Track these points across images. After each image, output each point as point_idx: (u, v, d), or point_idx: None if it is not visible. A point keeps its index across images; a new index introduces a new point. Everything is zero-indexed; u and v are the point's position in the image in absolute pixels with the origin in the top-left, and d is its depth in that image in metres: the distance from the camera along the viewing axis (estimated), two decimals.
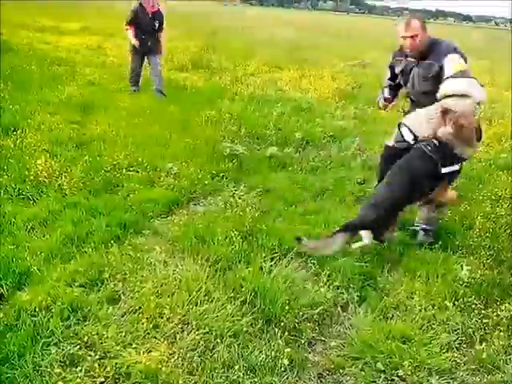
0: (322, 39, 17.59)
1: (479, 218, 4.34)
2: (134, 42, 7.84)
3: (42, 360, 2.49)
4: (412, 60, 3.90)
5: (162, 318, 2.83)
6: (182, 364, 2.57)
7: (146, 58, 8.10)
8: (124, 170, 4.81)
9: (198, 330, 2.78)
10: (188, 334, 2.76)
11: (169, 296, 2.99)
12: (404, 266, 3.57)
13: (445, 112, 3.52)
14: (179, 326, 2.80)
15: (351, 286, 3.32)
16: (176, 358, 2.59)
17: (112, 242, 3.62)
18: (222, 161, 5.40)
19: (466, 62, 3.67)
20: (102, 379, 2.39)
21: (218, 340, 2.74)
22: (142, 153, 5.23)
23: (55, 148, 5.17)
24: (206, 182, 4.85)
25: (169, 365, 2.53)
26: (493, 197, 4.85)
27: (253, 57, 12.36)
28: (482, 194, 4.89)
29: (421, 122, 3.67)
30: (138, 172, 4.85)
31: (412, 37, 3.75)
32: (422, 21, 3.84)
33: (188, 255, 3.50)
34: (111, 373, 2.43)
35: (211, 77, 9.95)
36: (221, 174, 5.10)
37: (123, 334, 2.72)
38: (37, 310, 2.77)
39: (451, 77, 3.58)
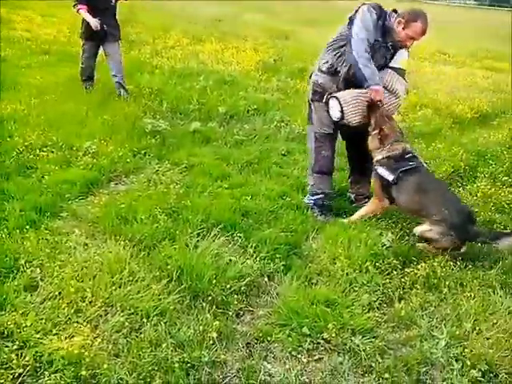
0: (246, 14, 17.36)
1: None
2: (95, 21, 6.07)
3: None
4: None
5: (83, 302, 2.73)
6: (107, 347, 2.50)
7: (101, 46, 6.46)
8: (37, 151, 4.56)
9: (122, 311, 2.72)
10: (112, 317, 2.68)
11: (90, 279, 2.89)
12: (327, 233, 3.66)
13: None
14: (103, 309, 2.72)
15: (277, 255, 3.36)
16: (100, 341, 2.51)
17: (27, 227, 3.43)
18: (144, 137, 5.25)
19: None
20: (21, 370, 2.28)
21: (145, 320, 2.69)
22: (57, 132, 4.97)
23: None
24: (128, 160, 4.70)
25: (93, 349, 2.46)
26: None
27: (173, 30, 12.01)
28: None
29: (349, 100, 3.73)
30: (52, 152, 4.60)
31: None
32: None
33: (110, 236, 3.39)
34: (30, 362, 2.32)
35: (130, 50, 9.57)
36: (143, 152, 4.96)
37: (43, 321, 2.59)
38: None
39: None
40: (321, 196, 4.06)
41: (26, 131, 4.87)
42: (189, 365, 2.48)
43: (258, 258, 3.31)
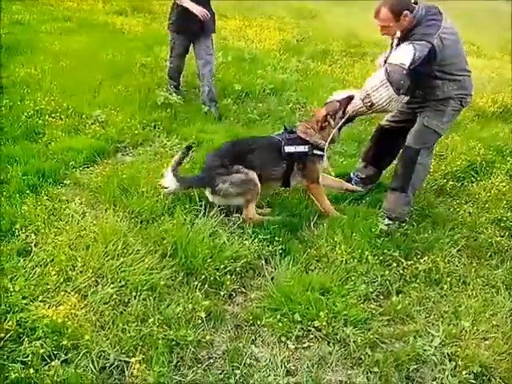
0: None
1: None
2: (202, 10, 4.95)
3: None
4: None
5: (74, 271, 2.70)
6: (93, 318, 2.47)
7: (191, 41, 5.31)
8: (47, 116, 4.53)
9: (112, 283, 2.68)
10: (102, 288, 2.65)
11: (83, 249, 2.85)
12: (330, 219, 3.56)
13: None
14: (93, 280, 2.69)
15: (276, 238, 3.29)
16: (86, 311, 2.49)
17: (28, 191, 3.41)
18: (156, 110, 5.18)
19: (422, 53, 3.19)
20: (2, 334, 2.26)
21: (134, 293, 2.65)
22: (68, 99, 4.93)
23: None
24: (136, 132, 4.63)
25: (78, 318, 2.43)
26: None
27: None
28: None
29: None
30: (61, 119, 4.57)
31: (382, 27, 3.40)
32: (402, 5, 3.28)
33: (109, 207, 3.35)
34: (13, 327, 2.30)
35: (152, 22, 9.46)
36: (152, 124, 4.89)
37: (32, 287, 2.58)
38: None
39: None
40: None
41: (38, 96, 4.84)
42: (173, 342, 2.44)
43: (256, 240, 3.23)
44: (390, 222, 3.58)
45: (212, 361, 2.44)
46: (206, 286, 2.83)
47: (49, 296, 2.55)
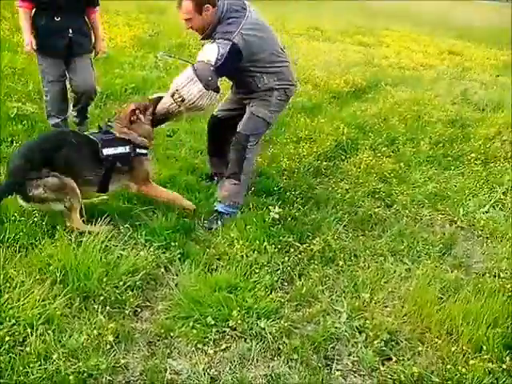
0: None
1: (285, 159, 4.56)
2: (29, 40, 4.10)
3: None
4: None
5: None
6: None
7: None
8: None
9: (1, 323, 2.38)
10: None
11: None
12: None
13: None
14: None
15: (172, 243, 3.18)
16: None
17: None
18: (10, 123, 4.69)
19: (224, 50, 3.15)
20: None
21: (29, 330, 2.38)
22: None
23: None
24: None
25: None
26: (294, 138, 5.12)
27: None
28: (286, 136, 5.13)
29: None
30: None
31: (186, 20, 3.32)
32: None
33: None
34: None
35: None
36: (9, 139, 4.42)
37: None
38: None
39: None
40: None
41: None
42: (85, 374, 2.24)
43: (151, 248, 3.10)
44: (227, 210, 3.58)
45: None
46: (108, 307, 2.63)
47: None
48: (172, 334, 2.56)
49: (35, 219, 3.16)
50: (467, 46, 13.62)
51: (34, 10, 4.15)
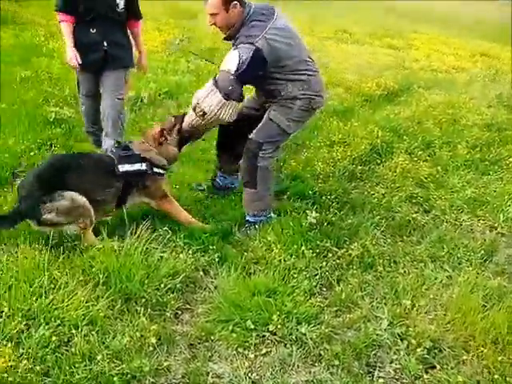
0: None
1: (319, 163, 4.53)
2: (72, 55, 3.99)
3: None
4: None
5: (0, 317, 2.40)
6: (34, 366, 2.21)
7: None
8: None
9: (47, 324, 2.43)
10: (36, 331, 2.38)
11: (6, 291, 2.55)
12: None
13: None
14: (24, 324, 2.40)
15: (210, 247, 3.20)
16: (26, 361, 2.21)
17: None
18: (48, 127, 4.80)
19: (246, 55, 3.03)
20: None
21: (74, 331, 2.42)
22: None
23: None
24: (32, 154, 4.25)
25: (18, 370, 2.16)
26: (328, 142, 5.09)
27: None
28: (319, 140, 5.11)
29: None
30: None
31: (211, 14, 3.21)
32: None
33: (21, 241, 3.02)
34: None
35: (21, 33, 8.74)
36: (48, 143, 4.52)
37: None
38: None
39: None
40: None
41: None
42: (129, 376, 2.27)
43: (190, 252, 3.12)
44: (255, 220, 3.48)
45: None
46: (149, 309, 2.66)
47: None
48: (212, 338, 2.57)
49: None
50: (493, 46, 13.30)
51: None
